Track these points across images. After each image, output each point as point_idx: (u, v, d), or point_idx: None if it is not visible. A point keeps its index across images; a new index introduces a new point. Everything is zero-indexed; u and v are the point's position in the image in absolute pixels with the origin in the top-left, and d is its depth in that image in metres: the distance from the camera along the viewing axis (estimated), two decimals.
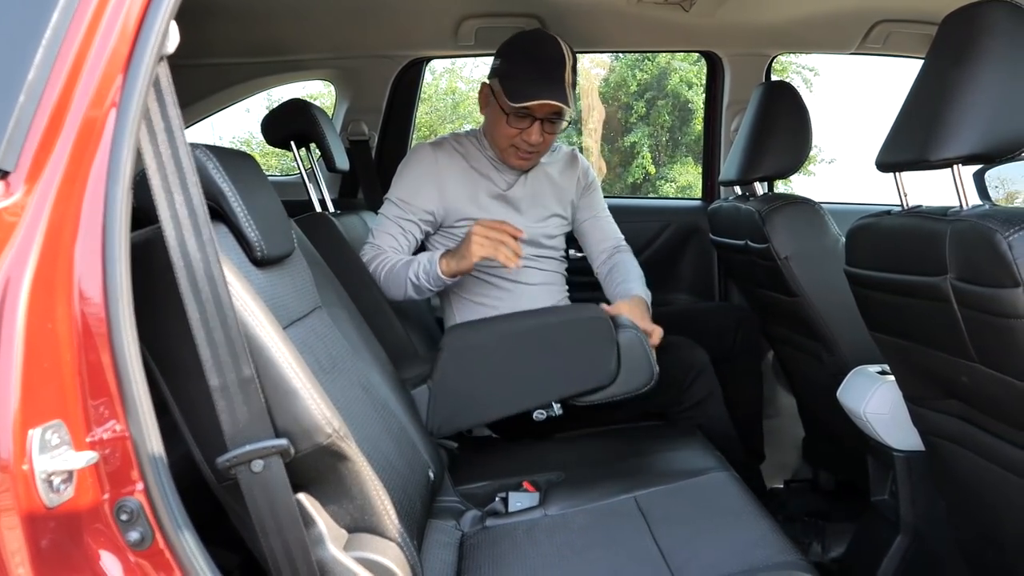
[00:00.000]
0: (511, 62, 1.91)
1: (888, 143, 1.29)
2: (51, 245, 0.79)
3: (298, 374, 0.96)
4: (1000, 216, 1.02)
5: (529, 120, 1.89)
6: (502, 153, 1.99)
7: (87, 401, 0.80)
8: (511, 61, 1.91)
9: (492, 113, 1.96)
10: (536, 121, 1.89)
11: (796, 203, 1.85)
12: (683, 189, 13.01)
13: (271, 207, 1.26)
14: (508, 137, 1.93)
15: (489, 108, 1.98)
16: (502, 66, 1.92)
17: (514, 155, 1.97)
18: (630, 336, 1.64)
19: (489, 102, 1.97)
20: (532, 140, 1.91)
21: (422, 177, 1.96)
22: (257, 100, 2.96)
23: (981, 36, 1.12)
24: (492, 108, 1.95)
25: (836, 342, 1.83)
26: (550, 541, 1.35)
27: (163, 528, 0.82)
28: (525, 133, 1.91)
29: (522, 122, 1.90)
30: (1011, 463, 1.21)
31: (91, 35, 0.82)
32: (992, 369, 1.10)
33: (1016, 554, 1.31)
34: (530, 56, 1.89)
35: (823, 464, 2.36)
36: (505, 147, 1.96)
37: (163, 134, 0.86)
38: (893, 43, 2.46)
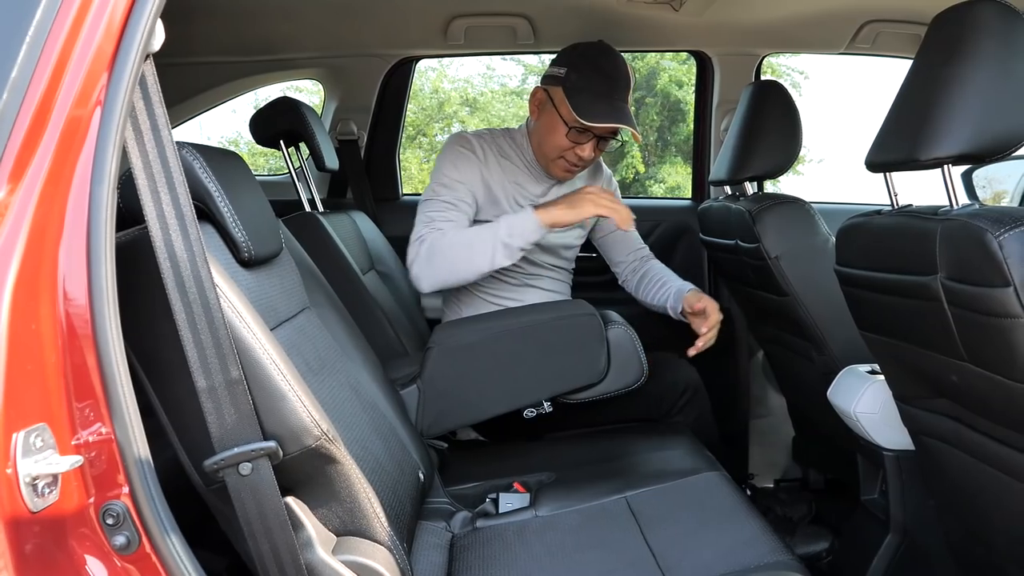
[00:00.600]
0: (580, 75, 1.83)
1: (878, 143, 1.29)
2: (35, 245, 0.78)
3: (286, 376, 0.95)
4: (990, 215, 1.02)
5: (587, 136, 1.86)
6: (548, 163, 1.93)
7: (72, 404, 0.79)
8: (580, 74, 1.83)
9: (548, 121, 1.88)
10: (594, 138, 1.87)
11: (786, 202, 1.84)
12: (672, 190, 13.02)
13: (258, 207, 1.25)
14: (560, 148, 1.88)
15: (545, 115, 1.89)
16: (570, 77, 1.83)
17: (561, 166, 1.93)
18: (619, 333, 1.64)
19: (545, 109, 1.89)
20: (585, 156, 1.88)
21: (471, 163, 1.89)
22: (244, 100, 2.94)
23: (971, 35, 1.11)
24: (549, 116, 1.88)
25: (826, 341, 1.83)
26: (541, 542, 1.34)
27: (149, 532, 0.81)
28: (579, 148, 1.87)
29: (580, 137, 1.85)
30: (1001, 462, 1.21)
31: (76, 33, 0.80)
32: (982, 368, 1.10)
33: (1005, 552, 1.32)
34: (602, 73, 1.83)
35: (813, 463, 2.37)
36: (554, 157, 1.91)
37: (149, 133, 0.85)
38: (882, 43, 2.46)
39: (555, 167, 1.93)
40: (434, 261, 1.72)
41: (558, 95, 1.84)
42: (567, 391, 1.63)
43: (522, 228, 1.71)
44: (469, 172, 1.87)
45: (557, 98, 1.84)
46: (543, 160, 1.94)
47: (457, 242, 1.73)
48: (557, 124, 1.86)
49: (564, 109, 1.82)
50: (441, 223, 1.78)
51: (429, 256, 1.73)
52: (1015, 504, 1.21)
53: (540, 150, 1.93)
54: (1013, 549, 1.29)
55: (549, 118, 1.87)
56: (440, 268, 1.73)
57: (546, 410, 1.63)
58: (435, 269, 1.73)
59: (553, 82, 1.87)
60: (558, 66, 1.87)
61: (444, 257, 1.72)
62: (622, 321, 1.67)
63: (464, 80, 13.71)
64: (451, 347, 1.65)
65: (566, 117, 1.83)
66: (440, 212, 1.80)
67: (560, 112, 1.84)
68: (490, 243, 1.71)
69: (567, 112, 1.82)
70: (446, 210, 1.81)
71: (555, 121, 1.86)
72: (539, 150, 1.94)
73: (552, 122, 1.87)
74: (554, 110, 1.85)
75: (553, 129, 1.87)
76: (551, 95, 1.87)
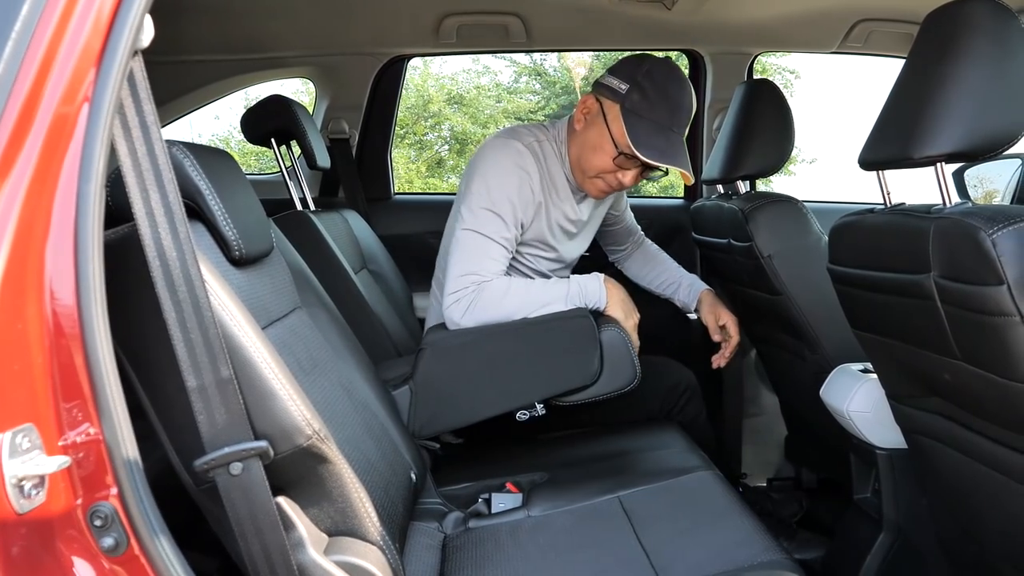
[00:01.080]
0: (644, 98, 1.70)
1: (871, 141, 1.29)
2: (21, 243, 0.77)
3: (277, 375, 0.94)
4: (984, 214, 1.02)
5: (635, 163, 1.75)
6: (585, 179, 1.82)
7: (59, 404, 0.78)
8: (644, 97, 1.70)
9: (595, 137, 1.75)
10: (640, 166, 1.76)
11: (779, 201, 1.84)
12: (665, 189, 13.03)
13: (249, 205, 1.24)
14: (602, 170, 1.77)
15: (593, 129, 1.76)
16: (631, 96, 1.70)
17: (597, 187, 1.82)
18: (613, 335, 1.64)
19: (594, 123, 1.76)
20: (626, 183, 1.78)
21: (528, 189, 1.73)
22: (229, 101, 2.92)
23: (964, 34, 1.11)
24: (598, 132, 1.74)
25: (819, 340, 1.83)
26: (534, 542, 1.34)
27: (138, 534, 0.80)
28: (623, 173, 1.76)
29: (627, 162, 1.74)
30: (994, 460, 1.21)
31: (62, 28, 0.79)
32: (975, 366, 1.10)
33: (998, 550, 1.32)
34: (668, 101, 1.71)
35: (806, 463, 2.37)
36: (592, 176, 1.79)
37: (138, 130, 0.84)
38: (874, 42, 2.47)
39: (591, 185, 1.82)
40: (490, 309, 1.64)
41: (613, 112, 1.72)
42: (560, 393, 1.63)
43: (592, 294, 1.70)
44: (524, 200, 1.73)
45: (611, 115, 1.72)
46: (579, 175, 1.82)
47: (524, 298, 1.65)
48: (605, 143, 1.73)
49: (618, 130, 1.71)
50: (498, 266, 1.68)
51: (485, 305, 1.64)
52: (1008, 502, 1.21)
53: (579, 164, 1.80)
54: (1006, 547, 1.29)
55: (597, 134, 1.75)
56: (493, 314, 1.64)
57: (539, 412, 1.62)
58: (487, 314, 1.64)
59: (610, 95, 1.73)
60: (618, 79, 1.73)
61: (505, 308, 1.65)
62: (616, 323, 1.66)
63: (450, 77, 13.70)
64: (444, 348, 1.65)
65: (618, 140, 1.71)
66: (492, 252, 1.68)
67: (612, 131, 1.72)
68: (559, 305, 1.67)
69: (620, 135, 1.70)
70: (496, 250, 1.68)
71: (604, 139, 1.73)
72: (577, 164, 1.81)
73: (600, 140, 1.74)
74: (605, 127, 1.73)
75: (600, 148, 1.75)
76: (604, 109, 1.74)
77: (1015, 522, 1.23)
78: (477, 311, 1.64)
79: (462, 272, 1.66)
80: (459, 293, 1.65)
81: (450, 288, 1.66)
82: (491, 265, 1.67)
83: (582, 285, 1.70)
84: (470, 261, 1.66)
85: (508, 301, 1.64)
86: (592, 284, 1.71)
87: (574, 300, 1.68)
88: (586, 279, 1.72)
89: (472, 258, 1.66)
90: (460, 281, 1.65)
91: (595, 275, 1.73)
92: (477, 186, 1.71)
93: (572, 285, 1.70)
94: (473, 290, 1.65)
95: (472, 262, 1.66)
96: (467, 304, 1.64)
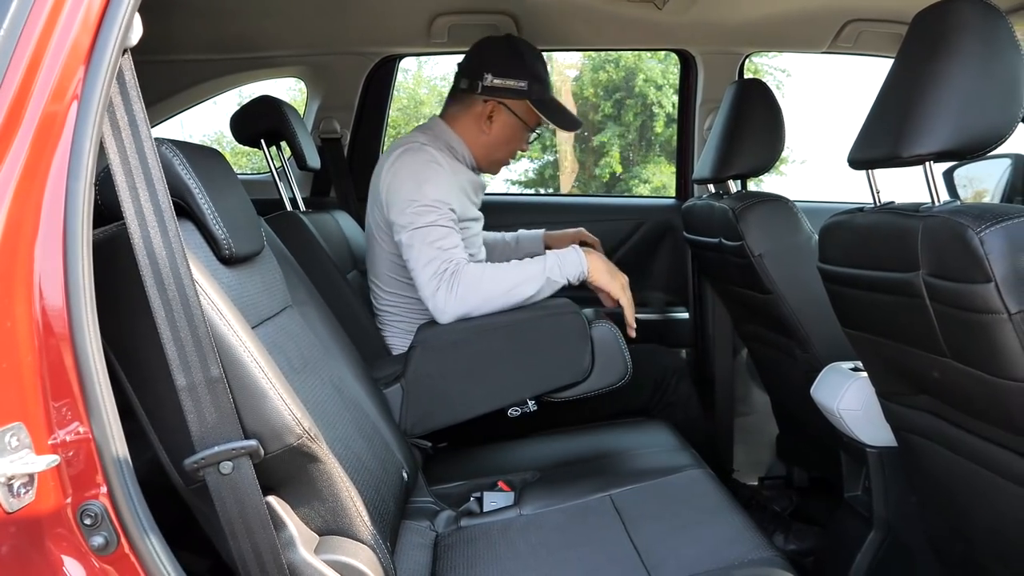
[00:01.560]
0: (543, 86, 1.94)
1: (860, 140, 1.30)
2: (10, 242, 0.77)
3: (267, 374, 0.94)
4: (972, 212, 1.02)
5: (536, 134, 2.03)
6: (494, 166, 2.04)
7: (48, 403, 0.78)
8: (542, 85, 1.94)
9: (507, 133, 1.96)
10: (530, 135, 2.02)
11: (770, 201, 1.85)
12: (657, 190, 13.06)
13: (240, 205, 1.24)
14: (513, 153, 2.02)
15: (503, 128, 1.95)
16: (534, 89, 1.92)
17: (501, 165, 2.05)
18: (603, 331, 1.64)
19: (504, 121, 1.94)
20: (527, 149, 2.03)
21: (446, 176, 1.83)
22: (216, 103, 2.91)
23: (953, 33, 1.12)
24: (508, 128, 1.95)
25: (809, 339, 1.84)
26: (525, 541, 1.34)
27: (128, 532, 0.80)
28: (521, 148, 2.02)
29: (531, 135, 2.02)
30: (982, 457, 1.22)
31: (51, 26, 0.79)
32: (963, 364, 1.11)
33: (985, 547, 1.33)
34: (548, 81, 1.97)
35: (797, 461, 2.38)
36: (502, 159, 2.02)
37: (127, 128, 0.84)
38: (863, 42, 2.48)
39: (497, 166, 2.05)
40: (470, 296, 1.66)
41: (522, 107, 1.93)
42: (551, 389, 1.63)
43: (571, 266, 1.72)
44: (448, 189, 1.81)
45: (521, 109, 1.93)
46: (488, 163, 2.02)
47: (501, 277, 1.69)
48: (519, 134, 1.97)
49: (533, 119, 1.96)
50: (457, 252, 1.72)
51: (466, 290, 1.66)
52: (996, 500, 1.22)
53: (490, 156, 2.00)
54: (994, 545, 1.30)
55: (508, 129, 1.96)
56: (475, 302, 1.67)
57: (530, 409, 1.62)
58: (468, 303, 1.66)
59: (514, 95, 1.92)
60: (512, 79, 1.91)
61: (484, 291, 1.67)
62: (606, 319, 1.67)
63: (442, 78, 13.67)
64: (435, 345, 1.65)
65: (532, 124, 1.97)
66: (447, 239, 1.72)
67: (527, 121, 1.96)
68: (538, 280, 1.69)
69: (535, 120, 1.96)
70: (449, 235, 1.73)
71: (516, 132, 1.96)
72: (488, 156, 2.00)
73: (512, 133, 1.96)
74: (516, 121, 1.94)
75: (513, 139, 1.98)
76: (512, 108, 1.93)
77: (1003, 519, 1.23)
78: (461, 293, 1.66)
79: (428, 261, 1.69)
80: (436, 282, 1.67)
81: (425, 284, 1.69)
82: (453, 249, 1.72)
83: (560, 257, 1.73)
84: (432, 251, 1.70)
85: (488, 281, 1.68)
86: (570, 255, 1.73)
87: (553, 272, 1.70)
88: (563, 252, 1.75)
89: (432, 249, 1.70)
90: (431, 271, 1.68)
91: (572, 247, 1.76)
92: (404, 194, 1.77)
93: (550, 258, 1.72)
94: (451, 273, 1.67)
95: (434, 251, 1.70)
96: (448, 289, 1.66)
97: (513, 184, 14.57)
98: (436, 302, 1.67)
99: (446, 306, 1.66)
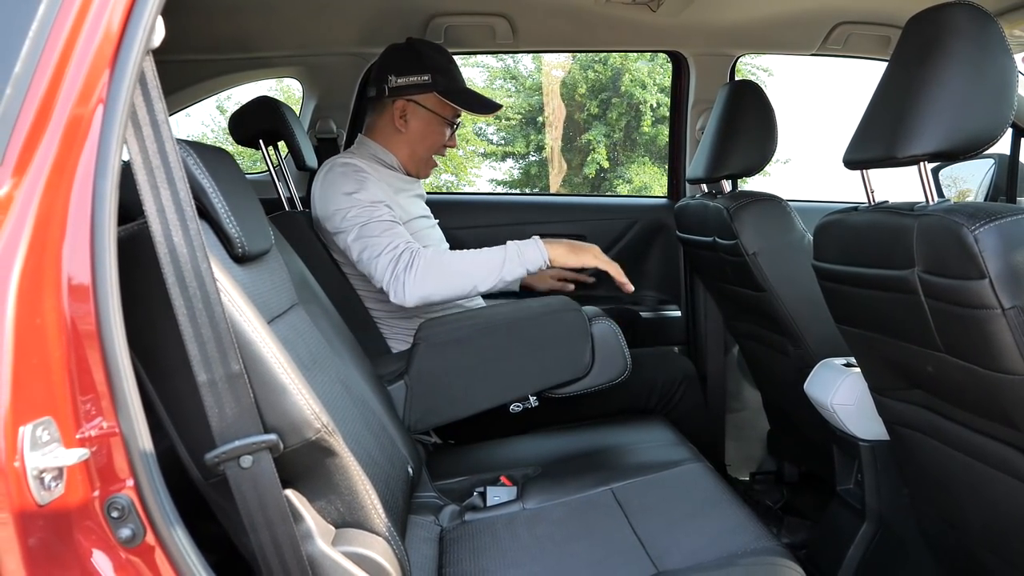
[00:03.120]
0: (446, 76, 1.99)
1: (855, 141, 1.33)
2: (39, 240, 0.78)
3: (286, 369, 0.96)
4: (966, 211, 1.06)
5: (454, 128, 2.07)
6: (421, 164, 2.07)
7: (76, 397, 0.80)
8: (446, 75, 1.99)
9: (425, 127, 2.01)
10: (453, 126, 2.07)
11: (763, 200, 1.88)
12: (639, 190, 13.11)
13: (250, 204, 1.25)
14: (438, 147, 2.05)
15: (418, 124, 2.01)
16: (442, 82, 1.97)
17: (431, 163, 2.09)
18: (604, 328, 1.67)
19: (418, 117, 2.00)
20: (453, 143, 2.08)
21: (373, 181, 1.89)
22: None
23: (946, 37, 1.16)
24: (427, 123, 2.01)
25: (802, 336, 1.87)
26: (530, 534, 1.36)
27: (154, 524, 0.82)
28: (450, 140, 2.07)
29: (451, 129, 2.06)
30: (973, 450, 1.25)
31: (77, 29, 0.81)
32: (957, 358, 1.14)
33: (978, 538, 1.36)
34: (454, 68, 2.03)
35: (787, 456, 2.41)
36: (428, 157, 2.06)
37: (149, 128, 0.85)
38: (852, 44, 2.52)
39: (426, 165, 2.09)
40: (429, 277, 1.71)
41: (431, 99, 1.99)
42: (552, 386, 1.65)
43: (531, 255, 1.75)
44: (378, 190, 1.87)
45: (431, 102, 1.99)
46: (414, 164, 2.06)
47: (459, 259, 1.75)
48: (434, 126, 2.02)
49: (446, 110, 2.01)
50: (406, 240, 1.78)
51: (425, 271, 1.71)
52: (989, 491, 1.25)
53: (415, 155, 2.04)
54: (986, 536, 1.33)
55: (425, 125, 2.01)
56: (434, 283, 1.72)
57: (532, 404, 1.65)
58: (428, 284, 1.72)
59: (419, 91, 1.98)
60: (414, 75, 1.97)
61: (442, 272, 1.72)
62: (606, 317, 1.69)
63: None
64: (437, 343, 1.67)
65: (447, 116, 2.02)
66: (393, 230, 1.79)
67: (440, 113, 2.00)
68: (498, 265, 1.74)
69: (450, 111, 2.01)
70: (394, 227, 1.80)
71: (431, 125, 2.01)
72: (412, 156, 2.04)
73: (428, 127, 2.01)
74: (429, 114, 2.00)
75: (434, 132, 2.03)
76: (422, 103, 1.99)
77: (996, 510, 1.27)
78: (420, 275, 1.71)
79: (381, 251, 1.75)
80: (393, 267, 1.73)
81: (382, 272, 1.74)
82: (400, 234, 1.79)
83: (519, 246, 1.77)
84: (382, 240, 1.76)
85: (446, 263, 1.74)
86: (530, 245, 1.77)
87: (512, 260, 1.74)
88: (523, 242, 1.78)
89: (382, 238, 1.76)
90: (386, 259, 1.74)
91: (533, 238, 1.79)
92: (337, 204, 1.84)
93: (509, 248, 1.77)
94: (408, 255, 1.73)
95: (384, 240, 1.76)
96: (405, 271, 1.71)
97: (499, 184, 14.61)
98: (396, 286, 1.72)
99: (406, 288, 1.71)
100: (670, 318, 2.73)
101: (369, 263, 1.77)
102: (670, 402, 2.02)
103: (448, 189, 13.51)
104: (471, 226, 2.63)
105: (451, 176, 13.71)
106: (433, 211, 2.19)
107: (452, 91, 1.99)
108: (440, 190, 13.13)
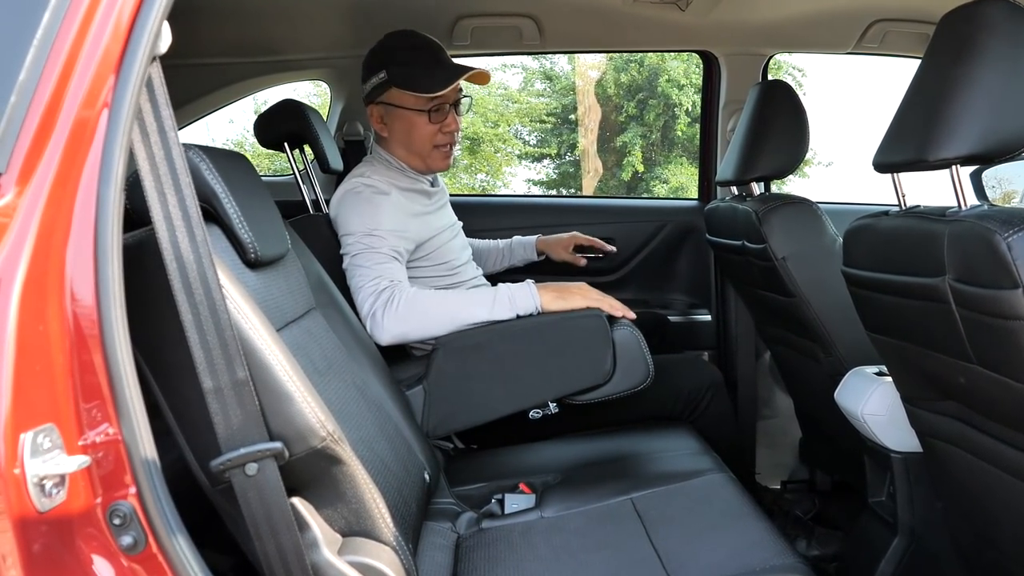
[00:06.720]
0: (401, 64, 1.87)
1: (885, 144, 1.29)
2: (43, 246, 0.78)
3: (292, 377, 0.95)
4: (999, 217, 1.01)
5: (445, 110, 1.91)
6: (425, 159, 1.94)
7: (79, 404, 0.79)
8: (400, 63, 1.87)
9: (403, 124, 1.90)
10: (451, 108, 1.92)
11: (793, 203, 1.84)
12: (676, 190, 13.01)
13: (265, 208, 1.25)
14: (431, 137, 1.91)
15: (396, 123, 1.91)
16: (393, 72, 1.86)
17: (439, 155, 1.95)
18: (625, 334, 1.64)
19: (393, 116, 1.91)
20: (453, 126, 1.93)
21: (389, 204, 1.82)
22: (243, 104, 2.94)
23: (980, 35, 1.11)
24: (401, 120, 1.90)
25: (833, 343, 1.83)
26: (547, 543, 1.34)
27: (156, 532, 0.82)
28: (445, 124, 1.91)
29: (439, 114, 1.90)
30: (1008, 464, 1.20)
31: (83, 35, 0.81)
32: (990, 370, 1.10)
33: (1014, 555, 1.31)
34: (417, 48, 1.90)
35: (820, 465, 2.36)
36: (429, 150, 1.93)
37: (156, 134, 0.85)
38: (889, 43, 2.46)
39: (435, 159, 1.95)
40: (410, 316, 1.67)
41: (394, 94, 1.87)
42: (573, 392, 1.63)
43: (523, 301, 1.69)
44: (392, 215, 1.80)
45: (395, 98, 1.88)
46: (419, 161, 1.95)
47: (442, 300, 1.70)
48: (415, 119, 1.89)
49: (410, 100, 1.87)
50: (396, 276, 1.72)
51: (406, 310, 1.66)
52: (1023, 508, 1.21)
53: (412, 153, 1.94)
54: (1022, 553, 1.28)
55: (402, 121, 1.90)
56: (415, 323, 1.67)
57: (552, 411, 1.63)
58: (408, 323, 1.67)
59: (380, 91, 1.89)
60: (374, 74, 1.89)
61: (424, 313, 1.68)
62: (628, 323, 1.67)
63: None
64: (456, 348, 1.65)
65: (418, 104, 1.87)
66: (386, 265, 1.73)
67: (408, 106, 1.88)
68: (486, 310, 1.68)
69: (415, 100, 1.86)
70: (389, 262, 1.74)
71: (409, 118, 1.89)
72: (411, 154, 1.94)
73: (407, 122, 1.89)
74: (401, 110, 1.89)
75: (415, 125, 1.89)
76: (388, 101, 1.89)
77: None
78: (401, 313, 1.65)
79: (365, 283, 1.70)
80: (373, 300, 1.67)
81: (363, 303, 1.69)
82: (391, 270, 1.72)
83: (511, 290, 1.71)
84: (369, 273, 1.71)
85: (429, 303, 1.69)
86: (522, 290, 1.71)
87: (502, 303, 1.68)
88: (515, 286, 1.72)
89: (371, 272, 1.71)
90: (368, 291, 1.69)
91: (526, 282, 1.74)
92: (349, 227, 1.79)
93: (500, 290, 1.71)
94: (388, 291, 1.67)
95: (372, 273, 1.71)
96: (384, 308, 1.66)
97: (535, 184, 14.59)
98: (374, 321, 1.67)
99: (384, 325, 1.66)
100: (700, 322, 2.69)
101: (355, 293, 1.72)
102: (696, 409, 1.97)
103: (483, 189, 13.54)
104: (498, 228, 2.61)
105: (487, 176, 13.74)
106: (460, 214, 2.16)
107: (408, 78, 1.86)
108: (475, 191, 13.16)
